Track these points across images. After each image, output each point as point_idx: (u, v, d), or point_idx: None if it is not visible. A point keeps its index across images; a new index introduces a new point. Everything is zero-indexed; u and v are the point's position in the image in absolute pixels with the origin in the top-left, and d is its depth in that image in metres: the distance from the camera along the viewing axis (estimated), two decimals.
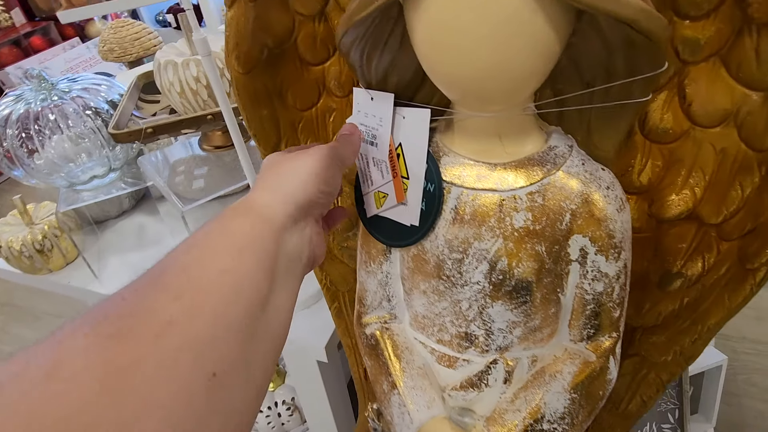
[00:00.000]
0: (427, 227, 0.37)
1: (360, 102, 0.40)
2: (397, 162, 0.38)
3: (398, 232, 0.40)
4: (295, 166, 0.33)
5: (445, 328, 0.42)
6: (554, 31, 0.26)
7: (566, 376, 0.40)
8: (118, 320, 0.22)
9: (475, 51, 0.26)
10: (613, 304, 0.38)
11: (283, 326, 0.30)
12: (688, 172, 0.39)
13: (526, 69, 0.27)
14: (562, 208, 0.35)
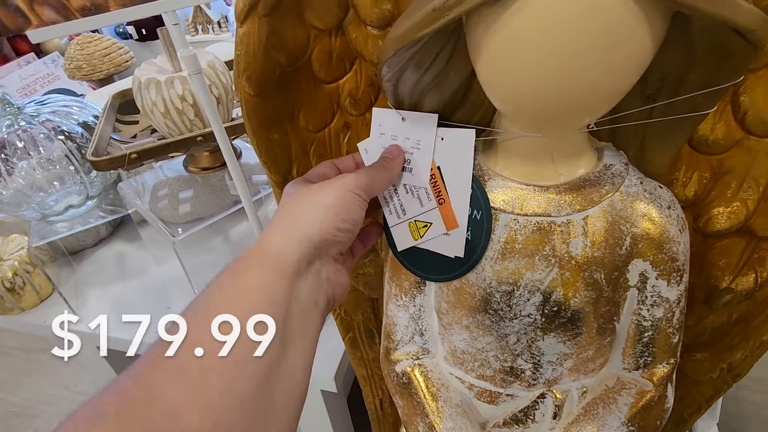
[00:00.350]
0: (475, 259, 0.34)
1: (385, 123, 0.36)
2: (442, 186, 0.35)
3: (438, 264, 0.36)
4: (312, 202, 0.31)
5: (488, 363, 0.39)
6: (653, 42, 0.23)
7: (622, 408, 0.38)
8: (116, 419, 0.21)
9: (569, 67, 0.22)
10: (672, 329, 0.36)
11: (299, 388, 0.29)
12: (739, 183, 0.36)
13: (620, 85, 0.24)
14: (622, 231, 0.32)
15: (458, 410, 0.41)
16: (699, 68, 0.26)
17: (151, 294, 0.84)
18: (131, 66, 1.16)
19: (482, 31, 0.23)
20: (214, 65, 0.67)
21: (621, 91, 0.25)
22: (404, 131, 0.35)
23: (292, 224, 0.30)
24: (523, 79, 0.24)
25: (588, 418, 0.38)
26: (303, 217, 0.31)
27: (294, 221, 0.31)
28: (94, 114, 0.76)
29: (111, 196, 0.83)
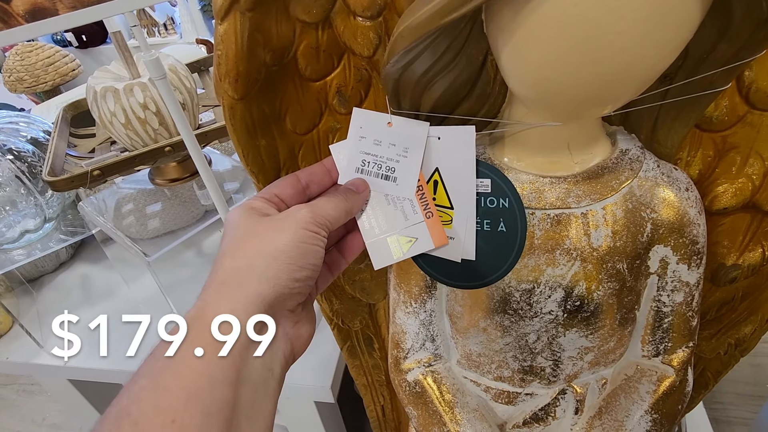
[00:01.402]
0: (516, 254, 0.30)
1: (367, 126, 0.33)
2: (430, 197, 0.32)
3: (470, 269, 0.32)
4: (262, 250, 0.27)
5: (506, 363, 0.37)
6: (701, 13, 0.21)
7: (645, 396, 0.37)
8: None
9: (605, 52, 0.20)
10: (692, 312, 0.35)
11: None
12: (744, 159, 0.36)
13: (659, 66, 0.23)
14: (642, 218, 0.31)
15: (476, 414, 0.40)
16: (730, 40, 0.25)
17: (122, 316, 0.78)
18: (78, 75, 1.09)
19: (509, 15, 0.21)
20: (175, 69, 0.63)
21: (657, 72, 0.24)
22: (390, 136, 0.32)
23: (239, 283, 0.26)
24: (555, 66, 0.22)
25: (611, 410, 0.38)
26: (250, 271, 0.26)
27: (240, 278, 0.26)
28: (45, 129, 0.70)
29: (70, 217, 0.77)
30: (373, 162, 0.33)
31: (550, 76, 0.23)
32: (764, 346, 1.39)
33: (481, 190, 0.30)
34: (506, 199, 0.29)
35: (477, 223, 0.31)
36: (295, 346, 0.28)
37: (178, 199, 0.79)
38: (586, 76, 0.22)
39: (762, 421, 0.84)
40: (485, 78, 0.29)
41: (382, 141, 0.33)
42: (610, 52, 0.21)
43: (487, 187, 0.30)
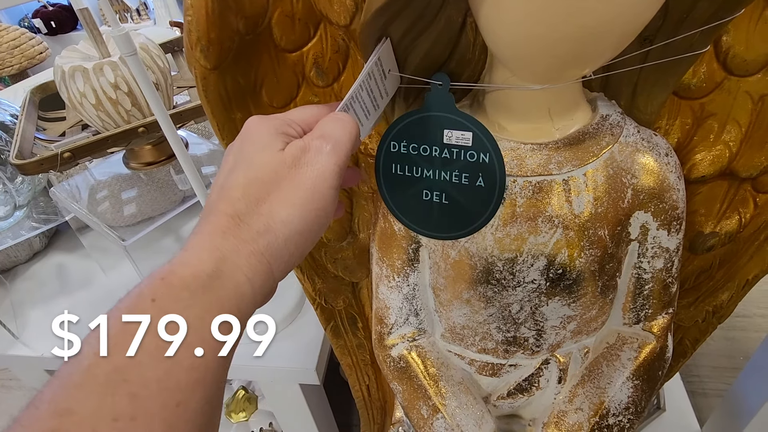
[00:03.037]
0: (492, 210, 0.30)
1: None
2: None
3: (445, 221, 0.32)
4: (287, 218, 0.24)
5: (490, 335, 0.37)
6: None
7: (626, 363, 0.37)
8: None
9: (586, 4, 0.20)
10: (671, 279, 0.36)
11: None
12: (721, 126, 0.36)
13: (639, 20, 0.22)
14: (623, 184, 0.31)
15: (460, 387, 0.40)
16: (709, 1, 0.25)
17: (101, 305, 0.76)
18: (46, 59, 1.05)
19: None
20: (147, 47, 0.61)
21: (637, 27, 0.23)
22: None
23: (261, 249, 0.24)
24: (534, 21, 0.22)
25: (593, 378, 0.38)
26: (273, 242, 0.24)
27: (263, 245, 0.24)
28: (11, 113, 0.67)
29: (42, 204, 0.74)
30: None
31: (529, 32, 0.22)
32: (739, 320, 1.43)
33: (462, 143, 0.30)
34: (487, 154, 0.29)
35: (455, 175, 0.30)
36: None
37: (154, 184, 0.77)
38: (566, 31, 0.22)
39: (735, 393, 0.87)
40: (465, 42, 0.28)
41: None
42: (591, 3, 0.20)
43: (468, 140, 0.29)
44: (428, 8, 0.25)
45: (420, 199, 0.32)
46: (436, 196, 0.31)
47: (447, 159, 0.31)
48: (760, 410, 0.80)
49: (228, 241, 0.24)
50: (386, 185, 0.33)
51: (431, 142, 0.31)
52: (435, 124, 0.30)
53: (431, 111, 0.30)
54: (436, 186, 0.31)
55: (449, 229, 0.32)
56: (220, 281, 0.22)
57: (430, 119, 0.30)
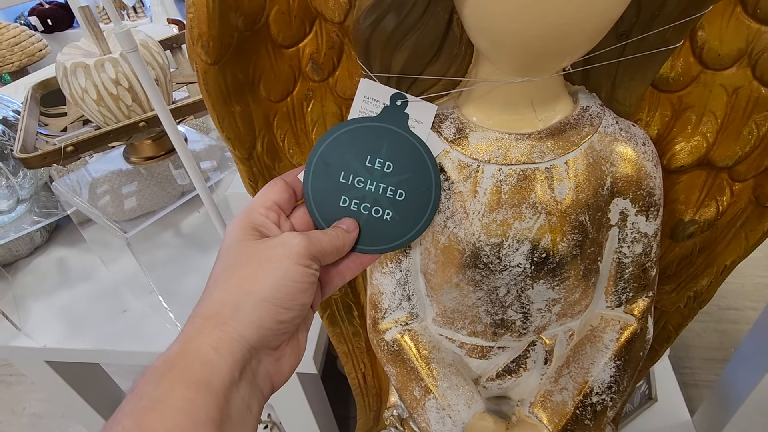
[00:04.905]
0: (417, 230, 0.33)
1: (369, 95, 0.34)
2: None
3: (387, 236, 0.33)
4: (249, 289, 0.26)
5: (479, 318, 0.39)
6: None
7: (609, 345, 0.39)
8: None
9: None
10: (650, 263, 0.37)
11: None
12: (699, 118, 0.38)
13: (612, 13, 0.24)
14: (603, 172, 0.33)
15: (451, 369, 0.42)
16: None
17: (103, 298, 0.78)
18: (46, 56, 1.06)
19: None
20: (147, 44, 0.62)
21: (607, 24, 0.25)
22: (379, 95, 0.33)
23: (223, 321, 0.25)
24: (513, 17, 0.23)
25: (577, 359, 0.40)
26: (236, 311, 0.25)
27: (225, 316, 0.25)
28: (14, 109, 0.68)
29: (44, 199, 0.76)
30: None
31: (509, 27, 0.24)
32: (731, 312, 1.45)
33: (403, 162, 0.32)
34: (427, 173, 0.32)
35: (391, 190, 0.32)
36: (275, 382, 0.29)
37: (154, 179, 0.79)
38: (540, 28, 0.23)
39: (723, 382, 0.89)
40: (452, 37, 0.30)
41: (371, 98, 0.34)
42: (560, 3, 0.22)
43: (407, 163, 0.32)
44: (416, 5, 0.27)
45: (347, 208, 0.33)
46: (364, 207, 0.33)
47: (387, 173, 0.32)
48: (747, 399, 0.82)
49: (195, 324, 0.26)
50: (313, 179, 0.33)
51: (375, 152, 0.32)
52: (384, 136, 0.32)
53: (384, 123, 0.32)
54: (369, 197, 0.32)
55: (375, 241, 0.33)
56: (186, 356, 0.24)
57: (381, 130, 0.32)
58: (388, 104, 0.32)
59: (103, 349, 0.71)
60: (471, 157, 0.32)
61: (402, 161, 0.32)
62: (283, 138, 0.42)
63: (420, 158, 0.32)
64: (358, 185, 0.33)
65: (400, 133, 0.32)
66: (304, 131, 0.43)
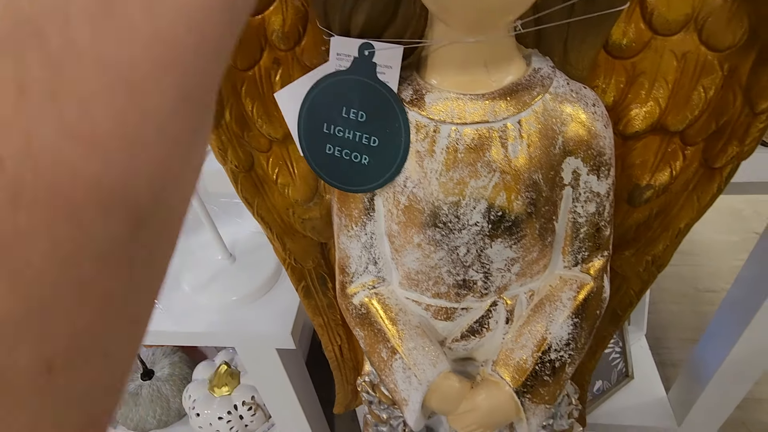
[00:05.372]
0: (393, 171, 0.35)
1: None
2: None
3: (357, 176, 0.37)
4: None
5: (442, 279, 0.40)
6: None
7: (566, 303, 0.41)
8: None
9: None
10: (604, 222, 0.39)
11: None
12: (651, 83, 0.39)
13: None
14: (554, 131, 0.34)
15: (418, 331, 0.43)
16: None
17: None
18: None
19: None
20: None
21: None
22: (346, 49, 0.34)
23: None
24: None
25: (537, 318, 0.41)
26: None
27: None
28: None
29: None
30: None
31: None
32: (708, 294, 1.48)
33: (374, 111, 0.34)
34: (397, 121, 0.33)
35: (365, 137, 0.35)
36: None
37: None
38: None
39: (695, 360, 0.92)
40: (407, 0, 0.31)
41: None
42: None
43: (378, 111, 0.34)
44: None
45: (332, 155, 0.37)
46: (345, 154, 0.36)
47: (361, 122, 0.34)
48: (716, 373, 0.85)
49: None
50: (304, 131, 0.37)
51: (350, 103, 0.35)
52: (356, 87, 0.34)
53: (355, 74, 0.34)
54: (348, 144, 0.36)
55: (358, 183, 0.37)
56: None
57: (353, 82, 0.34)
58: (357, 56, 0.34)
59: None
60: (428, 118, 0.34)
61: (373, 110, 0.35)
62: (252, 107, 0.43)
63: (389, 106, 0.34)
64: (338, 134, 0.36)
65: (369, 83, 0.34)
66: (273, 101, 0.44)
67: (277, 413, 0.93)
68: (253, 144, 0.45)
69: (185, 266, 0.77)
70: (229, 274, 0.74)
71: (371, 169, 0.36)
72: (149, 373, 1.06)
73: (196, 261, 0.77)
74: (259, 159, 0.46)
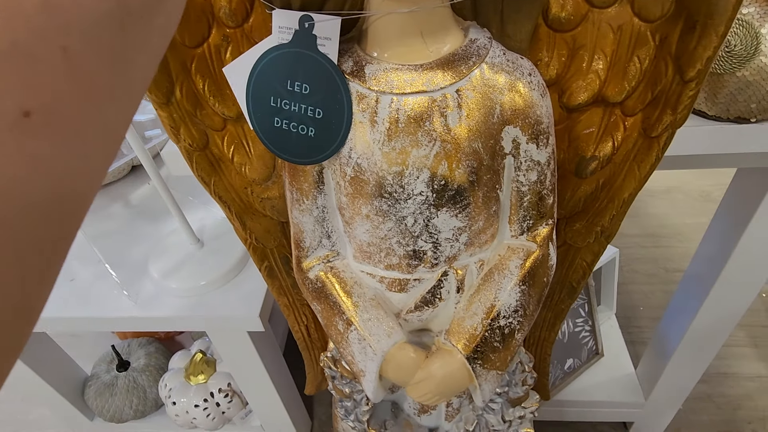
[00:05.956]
0: (339, 142, 0.36)
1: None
2: None
3: (304, 148, 0.38)
4: None
5: (392, 250, 0.41)
6: None
7: (513, 270, 0.42)
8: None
9: None
10: (546, 191, 0.40)
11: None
12: (590, 56, 0.41)
13: None
14: (492, 101, 0.35)
15: (373, 303, 0.44)
16: None
17: None
18: None
19: None
20: None
21: None
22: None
23: None
24: None
25: (486, 286, 0.42)
26: None
27: None
28: None
29: None
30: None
31: None
32: (676, 274, 1.52)
33: (317, 82, 0.35)
34: (339, 93, 0.34)
35: (311, 110, 0.36)
36: None
37: None
38: None
39: (659, 335, 0.95)
40: None
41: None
42: None
43: (321, 82, 0.35)
44: None
45: (280, 128, 0.37)
46: (293, 126, 0.37)
47: (305, 95, 0.35)
48: (678, 349, 0.87)
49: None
50: (253, 106, 0.38)
51: (293, 76, 0.35)
52: (298, 60, 0.35)
53: (296, 47, 0.34)
54: (295, 117, 0.36)
55: (306, 155, 0.38)
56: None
57: (295, 55, 0.35)
58: (298, 29, 0.34)
59: (49, 317, 0.71)
60: (368, 89, 0.34)
61: (315, 82, 0.35)
62: (203, 85, 0.44)
63: (330, 77, 0.34)
64: (284, 107, 0.37)
65: (310, 55, 0.35)
66: (225, 79, 0.45)
67: (253, 398, 0.94)
68: (207, 122, 0.45)
69: (154, 253, 0.77)
70: (198, 259, 0.74)
71: (318, 140, 0.37)
72: (125, 364, 1.06)
73: (164, 247, 0.77)
74: (214, 138, 0.47)
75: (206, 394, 0.98)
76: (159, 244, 0.78)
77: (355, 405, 0.56)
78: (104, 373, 1.04)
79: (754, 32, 0.45)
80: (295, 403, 1.02)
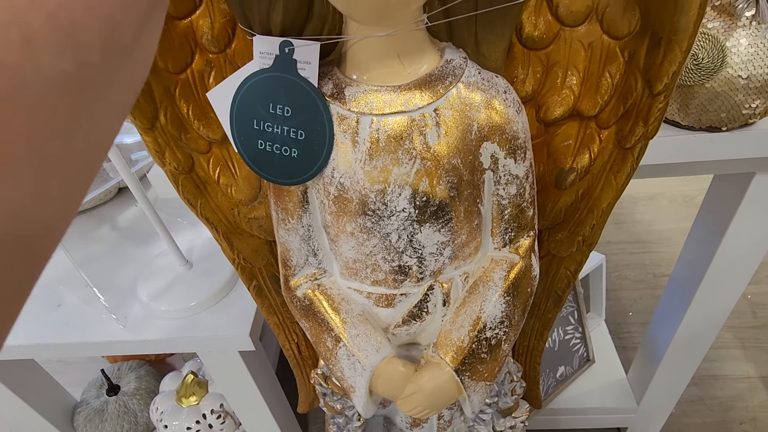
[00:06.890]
0: (321, 163, 0.37)
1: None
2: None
3: (289, 170, 0.39)
4: None
5: (378, 266, 0.42)
6: None
7: (498, 282, 0.43)
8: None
9: None
10: (526, 203, 0.41)
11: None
12: (564, 72, 0.42)
13: None
14: (469, 118, 0.36)
15: (360, 319, 0.44)
16: None
17: (37, 294, 0.78)
18: None
19: None
20: None
21: None
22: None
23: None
24: None
25: (472, 298, 0.43)
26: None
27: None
28: None
29: None
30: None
31: None
32: (663, 279, 1.54)
33: (298, 105, 0.36)
34: (320, 115, 0.35)
35: (293, 131, 0.37)
36: None
37: None
38: None
39: (648, 341, 0.96)
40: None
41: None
42: None
43: (300, 105, 0.36)
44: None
45: (264, 150, 0.38)
46: (276, 148, 0.38)
47: (287, 117, 0.36)
48: (667, 352, 0.89)
49: None
50: (237, 129, 0.39)
51: (275, 100, 0.36)
52: (280, 84, 0.36)
53: (277, 72, 0.35)
54: (278, 139, 0.37)
55: (290, 176, 0.39)
56: None
57: (276, 79, 0.36)
58: (279, 54, 0.35)
59: (36, 344, 0.71)
60: (348, 110, 0.35)
61: (297, 105, 0.36)
62: (187, 110, 0.44)
63: (311, 100, 0.35)
64: (267, 130, 0.38)
65: (291, 79, 0.35)
66: (209, 103, 0.45)
67: (246, 419, 0.93)
68: (192, 146, 0.46)
69: (142, 275, 0.76)
70: (187, 281, 0.74)
71: (301, 161, 0.38)
72: (115, 388, 1.05)
73: (152, 270, 0.77)
74: (200, 160, 0.47)
75: (198, 416, 0.97)
76: (147, 266, 0.78)
77: (347, 421, 0.56)
78: (94, 399, 1.03)
79: (720, 45, 0.47)
80: (289, 422, 1.01)
